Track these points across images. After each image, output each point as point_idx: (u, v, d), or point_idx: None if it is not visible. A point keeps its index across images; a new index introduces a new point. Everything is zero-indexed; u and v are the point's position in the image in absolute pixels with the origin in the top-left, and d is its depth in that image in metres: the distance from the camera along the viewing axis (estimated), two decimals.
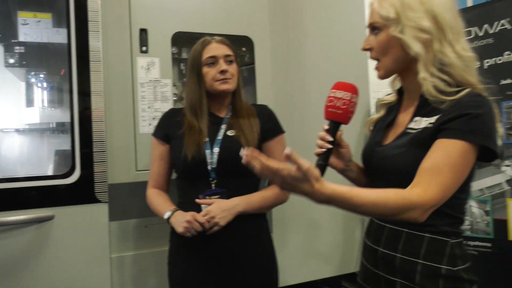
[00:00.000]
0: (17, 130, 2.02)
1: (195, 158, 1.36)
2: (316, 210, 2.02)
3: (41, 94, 1.99)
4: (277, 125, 1.51)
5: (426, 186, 0.87)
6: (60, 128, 1.98)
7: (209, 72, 1.40)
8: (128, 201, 1.70)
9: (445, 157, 0.88)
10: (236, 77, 1.43)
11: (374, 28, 1.01)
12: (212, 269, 1.38)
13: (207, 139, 1.40)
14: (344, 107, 1.00)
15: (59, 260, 1.44)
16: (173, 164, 1.46)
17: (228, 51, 1.42)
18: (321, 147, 1.01)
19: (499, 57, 2.14)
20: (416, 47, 0.93)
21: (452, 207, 0.95)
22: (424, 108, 0.97)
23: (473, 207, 2.24)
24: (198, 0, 1.72)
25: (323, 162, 1.01)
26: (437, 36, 0.93)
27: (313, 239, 2.05)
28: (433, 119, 0.93)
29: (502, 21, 2.13)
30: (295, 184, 0.77)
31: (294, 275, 1.96)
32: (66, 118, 1.84)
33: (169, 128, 1.46)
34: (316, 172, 0.78)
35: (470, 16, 2.22)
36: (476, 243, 2.23)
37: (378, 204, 0.86)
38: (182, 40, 1.74)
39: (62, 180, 1.45)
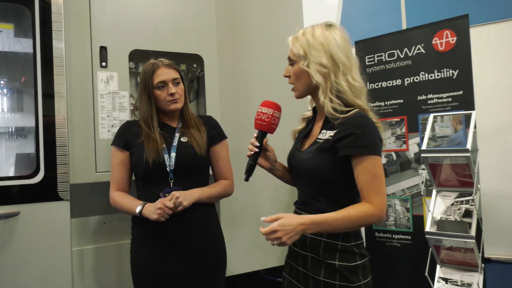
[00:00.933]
0: None
1: (155, 162, 1.58)
2: (260, 206, 2.28)
3: (0, 100, 2.09)
4: (221, 132, 1.77)
5: (371, 199, 1.16)
6: (19, 132, 2.07)
7: (161, 95, 1.63)
8: (88, 200, 1.88)
9: (367, 173, 1.17)
10: (183, 96, 1.67)
11: (290, 60, 1.30)
12: (170, 256, 1.58)
13: (164, 146, 1.62)
14: (267, 120, 1.29)
15: (24, 252, 1.60)
16: (134, 168, 1.66)
17: (175, 74, 1.64)
18: (251, 150, 1.29)
19: (416, 76, 2.51)
20: (317, 78, 1.22)
21: (350, 199, 1.23)
22: (328, 123, 1.25)
23: (397, 205, 2.59)
24: (153, 21, 1.93)
25: (252, 163, 1.30)
26: (333, 70, 1.22)
27: (257, 232, 2.30)
28: (332, 133, 1.22)
29: (419, 46, 2.50)
30: (292, 234, 1.09)
31: (240, 265, 2.20)
32: (25, 123, 1.97)
33: (128, 137, 1.66)
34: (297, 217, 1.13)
35: (393, 40, 2.61)
36: (399, 236, 2.58)
37: (344, 219, 1.15)
38: (138, 56, 1.95)
39: (28, 180, 1.61)
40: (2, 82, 2.09)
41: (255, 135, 1.33)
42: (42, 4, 1.70)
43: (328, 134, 1.23)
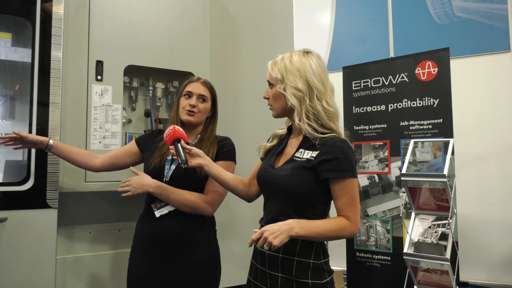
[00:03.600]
0: None
1: (155, 169, 1.63)
2: (247, 221, 2.33)
3: None
4: (228, 154, 1.70)
5: (350, 216, 1.25)
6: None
7: (182, 102, 1.70)
8: (75, 209, 1.91)
9: (346, 194, 1.26)
10: (202, 113, 1.70)
11: (269, 83, 1.38)
12: (163, 263, 1.58)
13: (170, 157, 1.65)
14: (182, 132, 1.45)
15: (9, 257, 1.62)
16: (144, 170, 1.69)
17: (204, 92, 1.71)
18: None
19: (399, 103, 2.62)
20: (292, 101, 1.29)
21: (320, 217, 1.29)
22: (306, 143, 1.32)
23: (378, 226, 2.66)
24: (149, 38, 2.01)
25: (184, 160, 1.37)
26: (308, 94, 1.29)
27: (243, 247, 2.33)
28: (314, 154, 1.28)
29: (402, 74, 2.63)
30: (278, 234, 1.14)
31: (233, 277, 2.21)
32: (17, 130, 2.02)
33: (148, 141, 1.75)
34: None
35: (379, 68, 2.73)
36: (379, 256, 2.64)
37: (325, 226, 1.23)
38: (133, 71, 2.02)
39: (17, 187, 1.64)
40: None
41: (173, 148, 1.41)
42: (43, 17, 1.77)
43: (307, 153, 1.29)
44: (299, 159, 1.30)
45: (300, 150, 1.32)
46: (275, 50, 2.53)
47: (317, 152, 1.28)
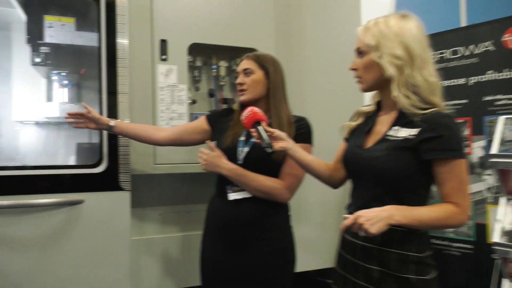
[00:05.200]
0: (37, 123, 2.19)
1: (227, 151, 1.53)
2: (310, 208, 2.23)
3: (61, 91, 2.14)
4: (305, 136, 1.56)
5: (460, 202, 1.09)
6: None
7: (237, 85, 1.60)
8: (145, 191, 1.91)
9: (455, 177, 1.10)
10: (253, 87, 1.55)
11: (359, 52, 1.21)
12: (233, 251, 1.53)
13: (243, 138, 1.56)
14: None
15: (86, 237, 1.65)
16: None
17: (248, 65, 1.56)
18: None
19: (483, 76, 2.35)
20: (390, 70, 1.13)
21: (420, 204, 1.14)
22: (402, 119, 1.17)
23: None
24: (211, 15, 1.93)
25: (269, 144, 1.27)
26: (408, 62, 1.13)
27: (308, 233, 2.25)
28: (414, 132, 1.12)
29: (486, 43, 2.34)
30: (375, 220, 1.02)
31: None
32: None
33: (219, 119, 1.66)
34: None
35: (457, 37, 2.45)
36: (459, 244, 2.43)
37: (431, 213, 1.09)
38: (197, 50, 1.96)
39: (91, 170, 1.66)
40: (63, 74, 2.15)
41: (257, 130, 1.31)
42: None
43: (405, 132, 1.14)
44: (393, 138, 1.16)
45: (395, 128, 1.17)
46: (341, 21, 2.38)
47: (418, 130, 1.12)
